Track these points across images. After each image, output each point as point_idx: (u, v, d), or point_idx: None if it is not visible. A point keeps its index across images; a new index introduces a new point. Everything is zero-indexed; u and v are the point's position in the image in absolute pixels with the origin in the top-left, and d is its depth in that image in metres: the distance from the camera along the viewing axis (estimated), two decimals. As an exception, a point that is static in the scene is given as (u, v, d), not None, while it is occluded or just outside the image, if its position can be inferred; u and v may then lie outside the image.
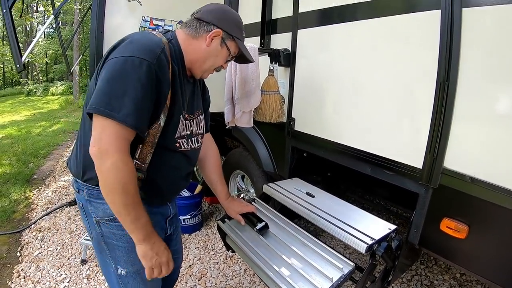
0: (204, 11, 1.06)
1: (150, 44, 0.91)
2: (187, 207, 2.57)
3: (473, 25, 1.06)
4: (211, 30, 1.04)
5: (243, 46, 1.13)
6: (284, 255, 1.25)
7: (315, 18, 1.66)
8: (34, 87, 16.97)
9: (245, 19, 2.22)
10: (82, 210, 1.08)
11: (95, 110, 0.84)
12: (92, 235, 1.09)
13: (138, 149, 0.97)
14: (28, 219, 3.00)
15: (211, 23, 1.04)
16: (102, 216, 1.03)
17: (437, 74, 1.15)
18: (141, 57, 0.86)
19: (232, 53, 1.12)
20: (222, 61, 1.12)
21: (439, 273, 2.11)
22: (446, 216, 1.19)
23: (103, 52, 2.14)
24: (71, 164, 1.09)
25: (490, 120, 1.07)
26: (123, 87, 0.85)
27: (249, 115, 1.73)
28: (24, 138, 6.13)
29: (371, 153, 1.44)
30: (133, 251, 1.01)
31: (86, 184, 1.02)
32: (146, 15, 2.31)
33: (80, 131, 1.04)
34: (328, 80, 1.65)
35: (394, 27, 1.29)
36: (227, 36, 1.07)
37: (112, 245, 1.06)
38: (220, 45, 1.07)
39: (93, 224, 1.05)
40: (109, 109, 0.83)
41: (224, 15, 1.08)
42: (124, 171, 0.87)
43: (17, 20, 16.72)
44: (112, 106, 0.83)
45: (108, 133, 0.85)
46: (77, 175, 1.04)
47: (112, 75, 0.85)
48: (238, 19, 1.12)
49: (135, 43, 0.90)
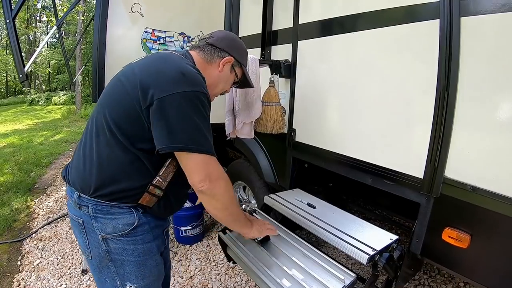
0: (217, 38, 1.15)
1: (197, 74, 0.98)
2: (188, 218, 2.55)
3: (472, 34, 1.08)
4: (224, 56, 1.14)
5: (247, 73, 1.27)
6: (285, 266, 1.25)
7: (314, 29, 1.69)
8: (37, 97, 17.12)
9: (246, 31, 2.28)
10: (81, 227, 1.03)
11: (186, 149, 0.92)
12: (93, 253, 1.05)
13: (163, 167, 1.00)
14: (29, 228, 3.00)
15: (224, 50, 1.14)
16: (111, 232, 1.00)
17: (437, 84, 1.17)
18: (202, 91, 0.95)
19: (238, 78, 1.24)
20: (229, 86, 1.24)
21: (443, 282, 2.09)
22: (448, 226, 1.18)
23: (105, 63, 2.23)
24: (75, 178, 1.04)
25: (491, 129, 1.07)
26: (197, 121, 0.93)
27: (250, 126, 1.74)
28: (26, 147, 6.15)
29: (372, 163, 1.45)
30: (145, 265, 1.05)
31: (93, 199, 0.99)
32: (147, 26, 2.34)
33: (97, 149, 1.00)
34: (328, 91, 1.66)
35: (394, 38, 1.31)
36: (236, 63, 1.19)
37: (121, 261, 1.03)
38: (230, 71, 1.19)
39: (97, 242, 1.02)
40: (196, 145, 0.92)
41: (234, 43, 1.19)
42: (231, 188, 1.04)
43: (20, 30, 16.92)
44: (198, 142, 0.93)
45: (210, 165, 0.97)
46: (84, 190, 1.01)
47: (185, 111, 0.91)
48: (244, 47, 1.24)
49: (188, 75, 0.95)
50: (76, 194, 1.02)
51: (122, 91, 0.98)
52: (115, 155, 0.97)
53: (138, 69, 1.00)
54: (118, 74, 1.08)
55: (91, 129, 1.03)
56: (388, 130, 1.38)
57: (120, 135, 0.96)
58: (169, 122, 0.90)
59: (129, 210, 1.01)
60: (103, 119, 0.98)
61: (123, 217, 1.00)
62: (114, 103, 0.99)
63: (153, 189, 1.00)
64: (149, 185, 1.00)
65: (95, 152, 0.99)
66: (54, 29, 2.56)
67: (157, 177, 1.00)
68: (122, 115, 0.96)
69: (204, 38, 1.18)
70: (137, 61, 1.08)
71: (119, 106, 0.97)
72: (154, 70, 0.96)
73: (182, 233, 2.59)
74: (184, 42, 2.48)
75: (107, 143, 0.97)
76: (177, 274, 2.27)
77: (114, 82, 1.05)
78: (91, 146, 1.01)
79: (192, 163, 0.95)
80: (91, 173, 0.99)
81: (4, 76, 21.26)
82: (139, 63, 1.04)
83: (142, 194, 1.00)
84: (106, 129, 0.97)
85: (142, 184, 0.99)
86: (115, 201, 0.99)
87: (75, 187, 1.03)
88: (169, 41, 2.42)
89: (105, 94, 1.06)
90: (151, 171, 1.00)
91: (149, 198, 1.01)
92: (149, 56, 1.08)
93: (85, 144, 1.04)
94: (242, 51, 1.22)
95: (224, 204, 1.04)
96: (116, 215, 0.99)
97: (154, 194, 1.01)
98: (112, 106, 0.98)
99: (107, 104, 1.00)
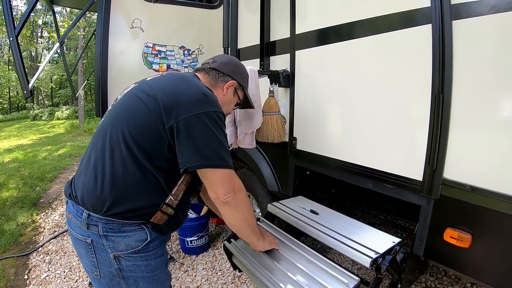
0: (220, 63, 1.21)
1: (213, 94, 1.05)
2: (193, 229, 2.57)
3: (464, 36, 1.10)
4: (228, 81, 1.21)
5: (248, 95, 1.35)
6: (290, 273, 1.26)
7: (311, 38, 1.72)
8: (40, 112, 17.24)
9: (245, 42, 2.32)
10: (89, 247, 1.01)
11: (212, 165, 0.97)
12: (102, 273, 1.02)
13: (175, 186, 1.04)
14: (36, 242, 3.02)
15: (227, 75, 1.21)
16: (123, 249, 1.00)
17: (431, 87, 1.19)
18: (221, 111, 1.02)
19: (241, 101, 1.31)
20: (232, 108, 1.32)
21: (449, 284, 2.08)
22: (449, 226, 1.20)
23: (107, 78, 2.27)
24: (85, 197, 1.00)
25: (487, 129, 1.09)
26: (220, 139, 0.99)
27: (252, 136, 1.76)
28: (30, 162, 6.18)
29: (372, 168, 1.47)
30: (157, 279, 1.07)
31: (104, 218, 0.97)
32: (148, 41, 2.39)
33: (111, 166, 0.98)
34: (326, 99, 1.69)
35: (389, 44, 1.34)
36: (239, 87, 1.27)
37: (134, 278, 1.03)
38: (233, 94, 1.26)
39: (108, 260, 1.00)
40: (222, 161, 0.99)
41: (237, 68, 1.26)
42: (249, 199, 1.08)
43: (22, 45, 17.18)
44: (223, 158, 0.99)
45: (233, 178, 1.05)
46: (95, 209, 0.98)
47: (210, 130, 0.96)
48: (246, 71, 1.33)
49: (209, 96, 1.01)
50: (85, 213, 0.99)
51: (142, 108, 0.98)
52: (131, 173, 0.97)
53: (158, 88, 1.01)
54: (132, 91, 1.07)
55: (103, 144, 1.00)
56: (387, 134, 1.40)
57: (138, 152, 0.96)
58: (197, 140, 0.95)
59: (139, 227, 1.01)
60: (120, 135, 0.97)
61: (135, 234, 1.01)
62: (133, 120, 0.98)
63: (166, 208, 1.03)
64: (162, 204, 1.02)
65: (109, 169, 0.97)
66: (56, 46, 2.62)
67: (170, 196, 1.03)
68: (143, 133, 0.96)
69: (207, 63, 1.24)
70: (153, 79, 1.10)
71: (139, 123, 0.97)
72: (177, 91, 0.99)
73: (188, 243, 2.60)
74: (184, 55, 2.54)
75: (123, 160, 0.97)
76: (184, 285, 2.27)
77: (130, 99, 1.04)
78: (104, 162, 0.98)
79: (218, 177, 1.00)
80: (103, 191, 0.97)
81: (7, 92, 21.49)
82: (157, 82, 1.06)
83: (155, 213, 1.02)
84: (122, 145, 0.96)
85: (156, 202, 1.01)
86: (127, 219, 0.99)
87: (85, 206, 1.00)
88: (169, 55, 2.48)
89: (120, 110, 1.04)
90: (165, 189, 1.02)
91: (160, 217, 1.03)
92: (167, 76, 1.10)
93: (96, 160, 1.00)
94: (244, 74, 1.31)
95: (244, 215, 1.11)
96: (128, 233, 1.00)
97: (166, 213, 1.04)
98: (131, 123, 0.98)
99: (125, 121, 0.99)
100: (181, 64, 2.51)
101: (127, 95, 1.07)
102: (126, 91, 1.12)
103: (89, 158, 1.04)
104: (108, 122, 1.04)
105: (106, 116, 1.09)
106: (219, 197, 1.02)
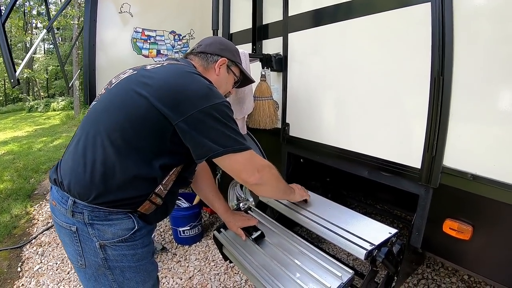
0: (205, 45, 1.19)
1: (216, 88, 1.03)
2: (186, 218, 2.52)
3: (466, 13, 1.03)
4: (217, 60, 1.17)
5: (244, 70, 1.30)
6: (281, 265, 1.21)
7: (304, 20, 1.64)
8: (36, 103, 17.09)
9: (237, 26, 2.23)
10: (74, 235, 0.98)
11: (232, 150, 0.96)
12: (87, 262, 1.00)
13: (166, 177, 1.01)
14: (29, 234, 2.99)
15: (215, 54, 1.17)
16: (110, 238, 0.97)
17: (431, 69, 1.12)
18: (226, 102, 1.01)
19: (237, 77, 1.27)
20: (230, 86, 1.27)
21: (446, 275, 2.04)
22: (448, 217, 1.14)
23: (96, 65, 2.20)
24: (72, 183, 0.97)
25: (490, 114, 1.02)
26: (232, 126, 0.99)
27: (242, 122, 1.69)
28: (25, 154, 6.14)
29: (368, 155, 1.40)
30: (144, 269, 1.06)
31: (90, 206, 0.95)
32: (137, 26, 2.31)
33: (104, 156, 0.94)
34: (320, 83, 1.62)
35: (386, 24, 1.27)
36: (231, 63, 1.22)
37: (120, 268, 1.01)
38: (227, 72, 1.22)
39: (93, 249, 0.98)
40: (240, 145, 0.98)
41: (222, 45, 1.21)
42: (273, 168, 1.11)
43: (17, 37, 16.98)
44: (238, 141, 0.98)
45: (253, 158, 1.04)
46: (81, 197, 0.95)
47: (221, 120, 0.96)
48: (235, 47, 1.28)
49: (213, 89, 1.00)
50: (71, 200, 0.96)
51: (141, 100, 0.93)
52: (124, 165, 0.94)
53: (161, 81, 0.97)
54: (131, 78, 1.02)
55: (95, 133, 0.96)
56: (383, 119, 1.33)
57: (134, 145, 0.94)
58: (209, 132, 0.94)
59: (126, 215, 0.99)
60: (115, 125, 0.94)
61: (121, 222, 0.98)
62: (131, 110, 0.94)
63: (154, 197, 1.01)
64: (151, 194, 1.00)
65: (101, 159, 0.94)
66: (44, 32, 2.54)
67: (160, 185, 1.01)
68: (141, 126, 0.93)
69: (193, 49, 1.21)
70: (154, 68, 1.03)
71: (138, 116, 0.93)
72: (181, 86, 0.96)
73: (181, 233, 2.56)
74: (175, 40, 2.45)
75: (116, 152, 0.93)
76: (176, 276, 2.23)
77: (129, 88, 0.99)
78: (95, 150, 0.95)
79: (240, 161, 1.00)
80: (93, 180, 0.94)
81: (2, 84, 21.32)
82: (158, 73, 1.00)
83: (144, 202, 1.00)
84: (118, 136, 0.93)
85: (146, 192, 1.00)
86: (115, 208, 0.96)
87: (71, 193, 0.97)
88: (159, 40, 2.39)
89: (117, 98, 1.00)
90: (157, 180, 1.00)
91: (148, 206, 1.01)
92: (168, 67, 1.04)
93: (86, 147, 0.96)
94: (233, 50, 1.25)
95: (273, 186, 1.14)
96: (114, 221, 0.97)
97: (155, 203, 1.02)
98: (130, 114, 0.94)
99: (123, 111, 0.95)
100: (172, 49, 2.43)
101: (125, 83, 1.01)
102: (123, 76, 1.05)
103: (78, 144, 0.99)
104: (102, 109, 1.00)
105: (100, 101, 1.04)
106: (246, 179, 1.03)
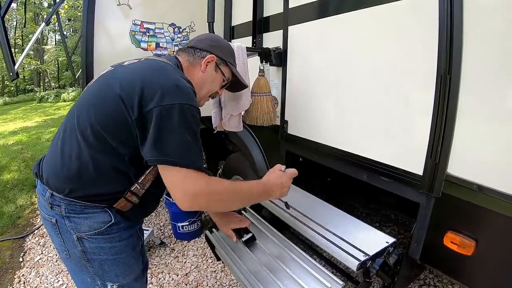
0: (197, 41, 1.15)
1: (190, 88, 0.95)
2: (185, 214, 2.49)
3: (477, 4, 0.93)
4: (205, 56, 1.11)
5: (236, 71, 1.22)
6: (270, 271, 1.16)
7: (305, 12, 1.55)
8: (46, 94, 17.26)
9: (239, 19, 2.15)
10: (54, 227, 1.01)
11: (169, 162, 0.87)
12: (71, 252, 1.02)
13: (142, 175, 0.99)
14: (33, 225, 3.04)
15: (204, 50, 1.12)
16: (86, 231, 0.98)
17: (437, 67, 1.02)
18: (193, 105, 0.92)
19: (227, 78, 1.19)
20: (217, 86, 1.19)
21: (449, 282, 1.96)
22: (450, 229, 1.06)
23: (93, 57, 2.16)
24: (50, 176, 1.00)
25: (501, 118, 0.92)
26: (187, 135, 0.89)
27: (238, 118, 1.62)
28: (33, 144, 6.23)
29: (367, 157, 1.32)
30: (124, 262, 1.04)
31: (67, 199, 0.96)
32: (136, 19, 2.25)
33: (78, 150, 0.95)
34: (320, 79, 1.54)
35: (390, 16, 1.17)
36: (220, 62, 1.16)
37: (99, 261, 1.01)
38: (215, 70, 1.15)
39: (72, 242, 0.99)
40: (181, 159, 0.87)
41: (215, 42, 1.17)
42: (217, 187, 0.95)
43: (28, 28, 17.13)
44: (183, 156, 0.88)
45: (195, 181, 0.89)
46: (58, 190, 0.97)
47: (176, 124, 0.88)
48: (229, 46, 1.23)
49: (182, 88, 0.91)
50: (48, 192, 0.99)
51: (112, 97, 0.92)
52: (98, 160, 0.94)
53: (131, 76, 0.94)
54: (107, 76, 1.02)
55: (71, 128, 0.97)
56: (385, 120, 1.25)
57: (106, 141, 0.92)
58: (159, 134, 0.88)
59: (103, 209, 0.99)
60: (87, 122, 0.94)
61: (97, 216, 0.98)
62: (102, 108, 0.93)
63: (130, 195, 0.99)
64: (127, 191, 0.99)
65: (76, 153, 0.95)
66: (42, 26, 2.51)
67: (136, 184, 0.99)
68: (112, 122, 0.92)
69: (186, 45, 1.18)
70: (130, 64, 1.03)
71: (109, 112, 0.92)
72: (148, 81, 0.91)
73: (180, 229, 2.54)
74: (174, 33, 2.38)
75: (90, 146, 0.93)
76: (173, 271, 2.22)
77: (102, 85, 0.99)
78: (71, 146, 0.96)
79: (174, 178, 0.90)
80: (69, 173, 0.95)
81: (15, 74, 21.64)
82: (132, 69, 0.99)
83: (119, 199, 0.99)
84: (90, 132, 0.93)
85: (121, 189, 0.99)
86: (90, 202, 0.97)
87: (49, 186, 0.99)
88: (158, 33, 2.33)
89: (92, 96, 0.99)
90: (131, 177, 0.99)
91: (124, 204, 1.00)
92: (143, 62, 1.02)
93: (64, 143, 0.98)
94: (225, 48, 1.19)
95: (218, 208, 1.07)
96: (90, 214, 0.98)
97: (131, 201, 1.00)
98: (101, 110, 0.93)
99: (94, 108, 0.94)
100: (171, 42, 2.36)
101: (101, 80, 1.02)
102: (102, 73, 1.07)
103: (58, 138, 1.02)
104: (79, 105, 1.01)
105: (80, 97, 1.06)
106: (177, 202, 0.90)
